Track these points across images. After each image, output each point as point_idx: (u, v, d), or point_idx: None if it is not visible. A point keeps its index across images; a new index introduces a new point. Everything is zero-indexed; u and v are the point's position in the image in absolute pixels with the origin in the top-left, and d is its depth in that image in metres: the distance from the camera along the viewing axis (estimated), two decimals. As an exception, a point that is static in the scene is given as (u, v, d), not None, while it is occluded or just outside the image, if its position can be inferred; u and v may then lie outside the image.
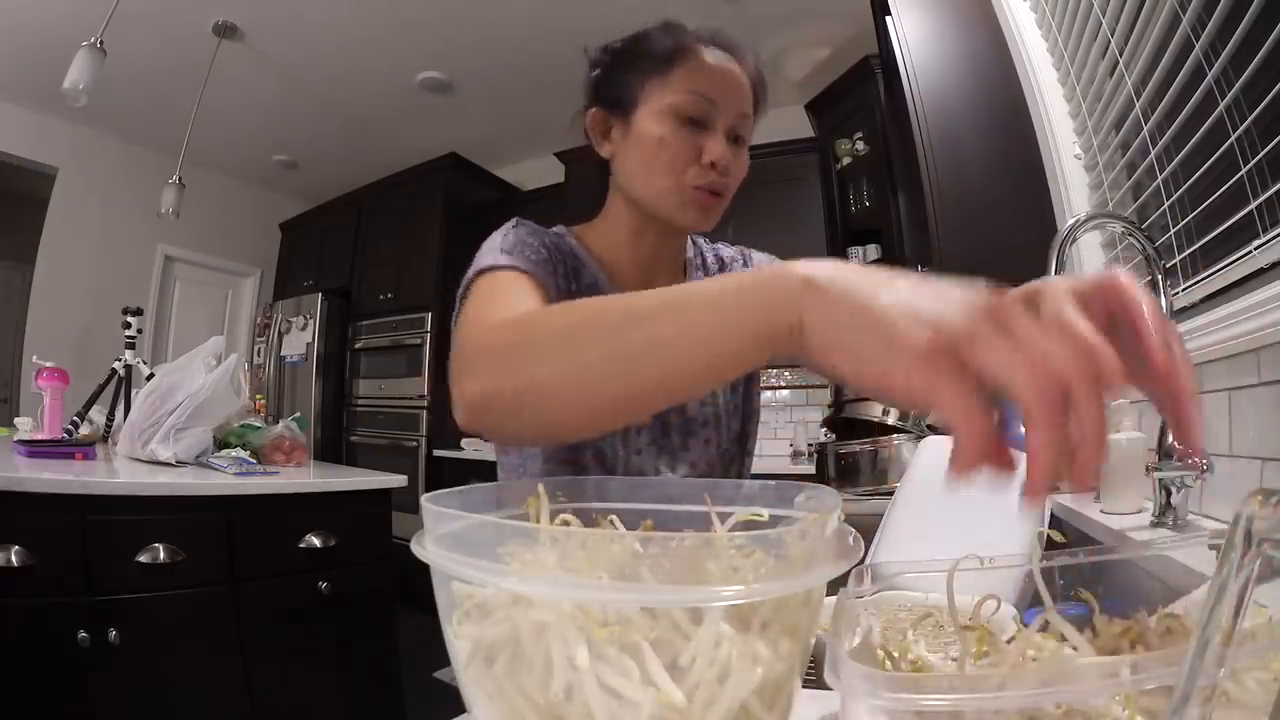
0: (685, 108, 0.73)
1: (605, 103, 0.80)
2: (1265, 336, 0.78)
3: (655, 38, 0.77)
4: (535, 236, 0.75)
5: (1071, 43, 1.52)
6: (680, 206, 0.75)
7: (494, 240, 0.74)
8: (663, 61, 0.75)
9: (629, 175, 0.78)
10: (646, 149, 0.75)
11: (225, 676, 1.44)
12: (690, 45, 0.75)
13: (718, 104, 0.74)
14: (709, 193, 0.75)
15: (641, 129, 0.75)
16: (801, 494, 0.41)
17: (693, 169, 0.74)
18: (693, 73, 0.74)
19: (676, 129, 0.73)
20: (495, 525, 0.32)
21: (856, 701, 0.25)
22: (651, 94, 0.75)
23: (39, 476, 1.26)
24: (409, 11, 2.97)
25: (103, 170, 4.04)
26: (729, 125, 0.75)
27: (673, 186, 0.74)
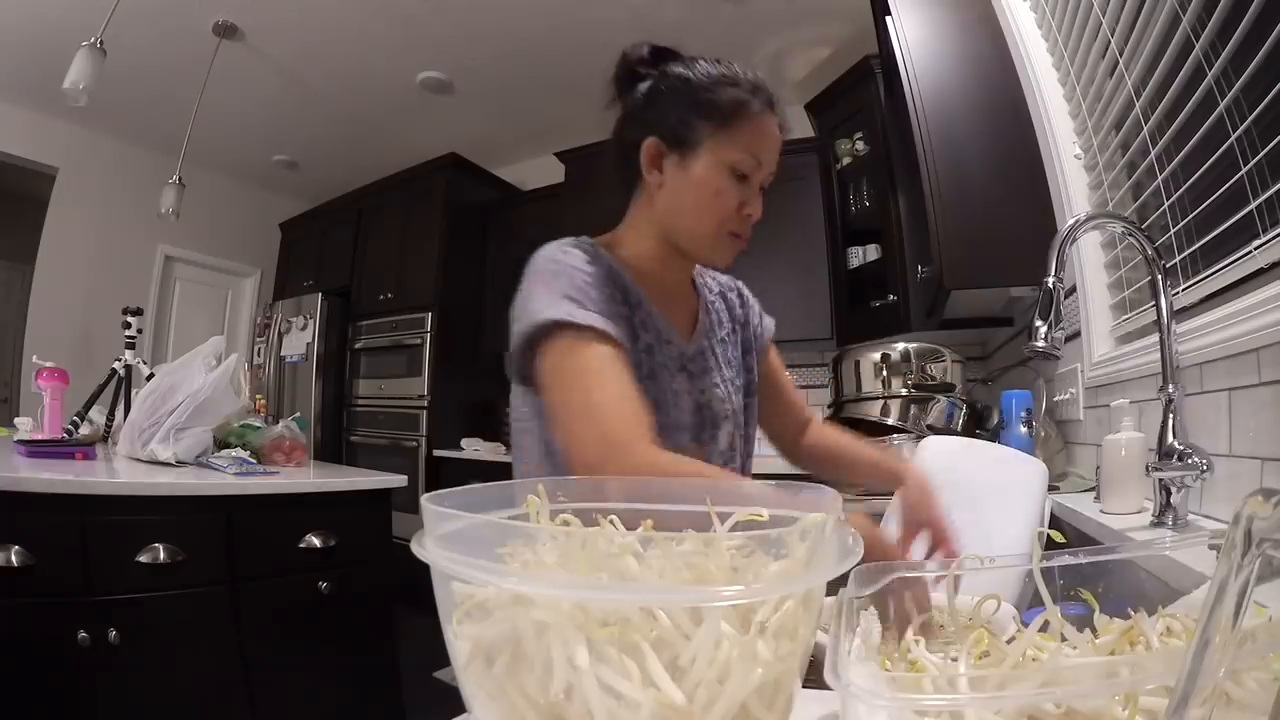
0: (740, 166, 0.82)
1: (665, 136, 0.85)
2: (1265, 336, 0.78)
3: (719, 89, 0.83)
4: (590, 264, 0.81)
5: (1071, 43, 1.52)
6: (715, 248, 0.85)
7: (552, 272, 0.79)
8: (728, 115, 0.82)
9: (675, 211, 0.86)
10: (703, 196, 0.83)
11: (225, 676, 1.44)
12: (752, 107, 0.83)
13: (763, 164, 0.84)
14: (737, 237, 0.85)
15: (700, 175, 0.83)
16: (801, 494, 0.41)
17: (735, 218, 0.84)
18: (751, 134, 0.83)
19: (730, 183, 0.82)
20: (495, 525, 0.32)
21: (856, 701, 0.25)
22: (713, 144, 0.82)
23: (39, 476, 1.26)
24: (409, 11, 2.97)
25: (103, 170, 4.04)
26: (763, 180, 0.85)
27: (715, 232, 0.84)
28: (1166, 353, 0.90)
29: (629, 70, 0.89)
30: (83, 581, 1.27)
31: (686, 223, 0.85)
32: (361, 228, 4.48)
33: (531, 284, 0.79)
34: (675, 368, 0.88)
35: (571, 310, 0.74)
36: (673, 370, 0.88)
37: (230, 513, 1.48)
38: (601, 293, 0.78)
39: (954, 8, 1.86)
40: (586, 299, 0.76)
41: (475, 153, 4.11)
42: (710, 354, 0.94)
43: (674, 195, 0.85)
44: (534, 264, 0.81)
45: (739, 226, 0.84)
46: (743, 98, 0.82)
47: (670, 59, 0.88)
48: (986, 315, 2.18)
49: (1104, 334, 1.43)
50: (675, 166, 0.84)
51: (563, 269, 0.79)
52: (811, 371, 3.36)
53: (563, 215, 3.68)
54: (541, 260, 0.81)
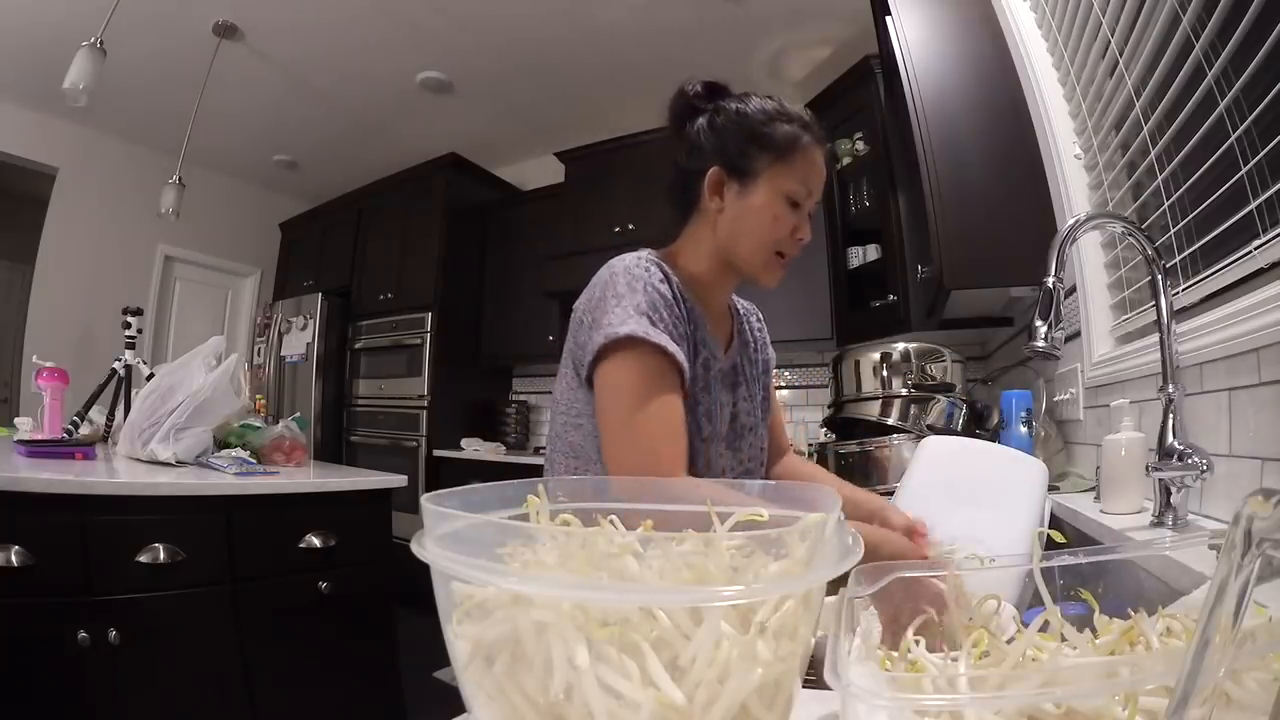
0: (796, 195, 0.91)
1: (726, 166, 0.93)
2: (1265, 336, 0.78)
3: (776, 123, 0.91)
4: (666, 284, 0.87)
5: (1071, 43, 1.52)
6: (767, 268, 0.93)
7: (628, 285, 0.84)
8: (784, 148, 0.90)
9: (735, 235, 0.93)
10: (763, 221, 0.91)
11: (225, 676, 1.44)
12: (807, 142, 0.91)
13: (813, 193, 0.92)
14: (784, 258, 0.93)
15: (759, 203, 0.91)
16: (802, 494, 0.41)
17: (788, 241, 0.92)
18: (805, 165, 0.91)
19: (786, 210, 0.91)
20: (495, 525, 0.32)
21: (856, 701, 0.25)
22: (771, 174, 0.90)
23: (39, 476, 1.26)
24: (409, 11, 2.97)
25: (103, 170, 4.04)
26: (811, 207, 0.93)
27: (768, 254, 0.92)
28: (1166, 353, 0.90)
29: (686, 105, 0.96)
30: (83, 581, 1.27)
31: (746, 245, 0.92)
32: (361, 228, 4.48)
33: (608, 293, 0.85)
34: (720, 381, 0.96)
35: (647, 328, 0.81)
36: (719, 383, 0.95)
37: (230, 513, 1.48)
38: (672, 313, 0.85)
39: (954, 8, 1.86)
40: (659, 318, 0.83)
41: (475, 153, 4.11)
42: (742, 370, 1.02)
43: (735, 220, 0.92)
44: (612, 274, 0.87)
45: (790, 249, 0.93)
46: (797, 133, 0.91)
47: (724, 95, 0.96)
48: (986, 315, 2.18)
49: (1104, 334, 1.43)
50: (735, 195, 0.92)
51: (640, 284, 0.84)
52: (811, 371, 3.36)
53: (562, 215, 3.68)
54: (620, 271, 0.86)
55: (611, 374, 0.82)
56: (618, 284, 0.85)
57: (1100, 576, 0.42)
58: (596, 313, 0.84)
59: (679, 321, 0.86)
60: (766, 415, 1.10)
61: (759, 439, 1.06)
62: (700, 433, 0.91)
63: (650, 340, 0.80)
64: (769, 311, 1.15)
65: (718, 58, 3.08)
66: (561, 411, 0.94)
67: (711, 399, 0.93)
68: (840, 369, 2.04)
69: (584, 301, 0.89)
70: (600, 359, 0.83)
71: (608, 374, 0.82)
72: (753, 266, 0.93)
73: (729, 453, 0.98)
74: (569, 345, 0.91)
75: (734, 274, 0.96)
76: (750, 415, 1.02)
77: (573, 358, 0.90)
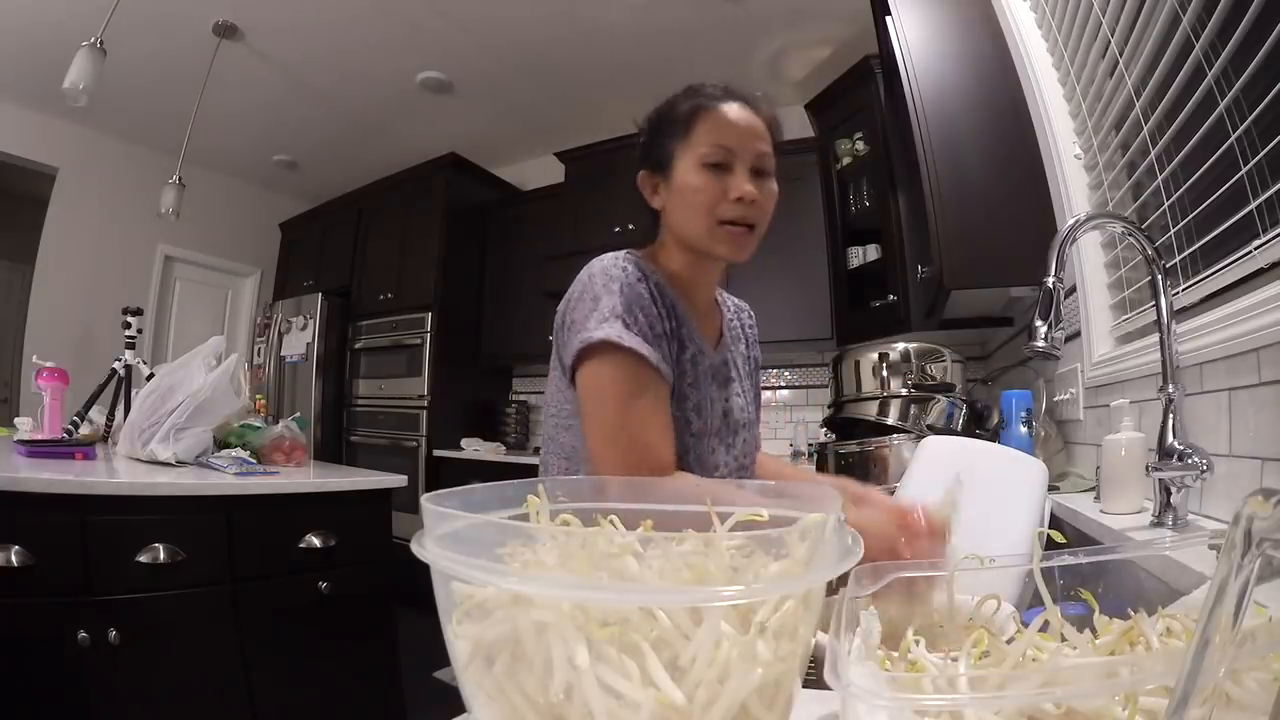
0: (709, 157, 0.88)
1: (649, 165, 0.95)
2: (1265, 336, 0.78)
3: (678, 103, 0.92)
4: (644, 283, 0.87)
5: (1071, 43, 1.52)
6: (716, 241, 0.89)
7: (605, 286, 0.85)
8: (685, 123, 0.90)
9: (677, 221, 0.92)
10: (685, 197, 0.89)
11: (225, 676, 1.44)
12: (704, 104, 0.90)
13: (735, 149, 0.88)
14: (740, 225, 0.89)
15: (679, 182, 0.90)
16: (802, 494, 0.41)
17: (723, 205, 0.88)
18: (711, 126, 0.88)
19: (705, 177, 0.88)
20: (495, 525, 0.32)
21: (856, 701, 0.25)
22: (681, 150, 0.90)
23: (39, 476, 1.26)
24: (409, 11, 2.97)
25: (103, 170, 4.03)
26: (750, 164, 0.89)
27: (709, 225, 0.89)
28: (1166, 353, 0.90)
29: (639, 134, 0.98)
30: (83, 581, 1.27)
31: (688, 226, 0.91)
32: (361, 228, 4.48)
33: (585, 294, 0.86)
34: (710, 377, 0.96)
35: (621, 332, 0.81)
36: (709, 379, 0.95)
37: (230, 513, 1.48)
38: (649, 314, 0.85)
39: (954, 8, 1.86)
40: (634, 320, 0.83)
41: (475, 153, 4.11)
42: (733, 365, 1.02)
43: (671, 210, 0.93)
44: (590, 275, 0.88)
45: (733, 213, 0.88)
46: (694, 103, 0.90)
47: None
48: (986, 315, 2.18)
49: (1104, 334, 1.43)
50: (665, 187, 0.93)
51: (616, 285, 0.85)
52: (811, 371, 3.36)
53: (562, 215, 3.68)
54: (598, 272, 0.87)
55: (591, 379, 0.83)
56: (595, 285, 0.86)
57: (1100, 576, 0.42)
58: (575, 314, 0.86)
59: (657, 320, 0.86)
60: (759, 412, 1.10)
61: (753, 436, 1.05)
62: (690, 428, 0.91)
63: (624, 345, 0.81)
64: (768, 311, 1.15)
65: (718, 58, 3.08)
66: (553, 414, 0.95)
67: (700, 394, 0.93)
68: (840, 369, 2.04)
69: (565, 302, 0.90)
70: (579, 363, 0.84)
71: (587, 379, 0.84)
72: (704, 243, 0.91)
73: (722, 448, 0.97)
74: (555, 346, 0.92)
75: (706, 261, 0.95)
76: (744, 411, 1.02)
77: (559, 359, 0.91)
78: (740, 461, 1.01)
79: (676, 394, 0.88)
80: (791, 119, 3.28)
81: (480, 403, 4.07)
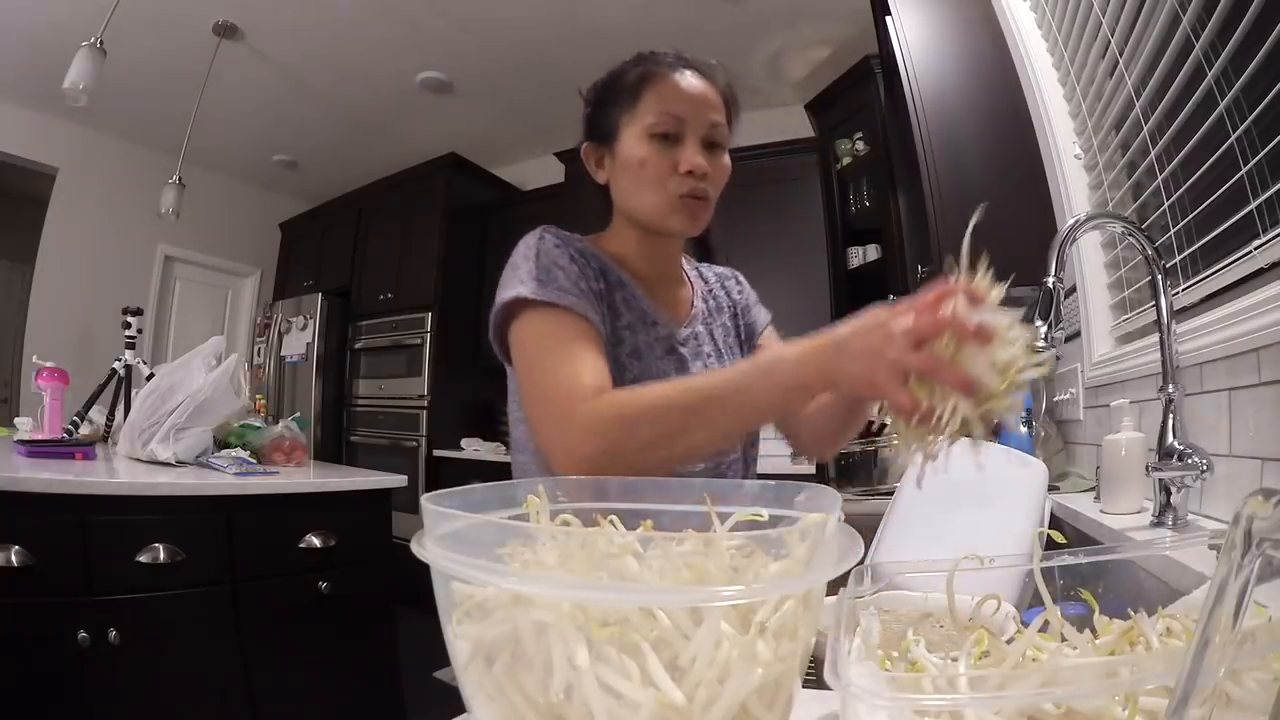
0: (657, 127, 0.82)
1: (594, 137, 0.90)
2: (1265, 336, 0.78)
3: (626, 71, 0.86)
4: (563, 247, 0.82)
5: (1071, 43, 1.52)
6: (668, 215, 0.83)
7: (524, 255, 0.81)
8: (632, 91, 0.84)
9: (624, 195, 0.87)
10: (631, 170, 0.84)
11: (225, 676, 1.44)
12: (654, 71, 0.84)
13: (686, 119, 0.82)
14: (692, 198, 0.83)
15: (625, 154, 0.84)
16: (801, 494, 0.41)
17: (673, 179, 0.82)
18: (660, 95, 0.83)
19: (653, 148, 0.82)
20: (495, 525, 0.32)
21: (856, 701, 0.25)
22: (627, 120, 0.84)
23: (39, 476, 1.26)
24: (409, 11, 2.97)
25: (103, 170, 4.03)
26: (702, 135, 0.83)
27: (660, 199, 0.83)
28: (1166, 353, 0.90)
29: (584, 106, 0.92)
30: (83, 581, 1.27)
31: (635, 200, 0.86)
32: (361, 228, 4.48)
33: (505, 270, 0.81)
34: (663, 349, 0.88)
35: (533, 289, 0.76)
36: (660, 351, 0.87)
37: (230, 513, 1.48)
38: (568, 273, 0.79)
39: (954, 8, 1.86)
40: (549, 277, 0.77)
41: (475, 153, 4.11)
42: (708, 339, 0.94)
43: (617, 182, 0.88)
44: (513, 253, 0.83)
45: (683, 186, 0.82)
46: (642, 70, 0.84)
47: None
48: (986, 315, 2.18)
49: (1104, 334, 1.43)
50: (610, 161, 0.88)
51: (533, 252, 0.80)
52: (811, 371, 3.35)
53: (562, 215, 3.67)
54: (519, 247, 0.83)
55: (516, 346, 0.78)
56: (514, 258, 0.81)
57: (1100, 576, 0.42)
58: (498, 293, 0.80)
59: (581, 278, 0.80)
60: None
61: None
62: None
63: (536, 299, 0.75)
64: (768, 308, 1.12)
65: (717, 58, 3.08)
66: (511, 410, 0.90)
67: (644, 365, 0.84)
68: (840, 369, 2.03)
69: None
70: (499, 334, 0.81)
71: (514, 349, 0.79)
72: (654, 218, 0.84)
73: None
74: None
75: (656, 237, 0.89)
76: None
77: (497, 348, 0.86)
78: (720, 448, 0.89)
79: (613, 362, 0.80)
80: (791, 119, 3.28)
81: (480, 403, 4.07)
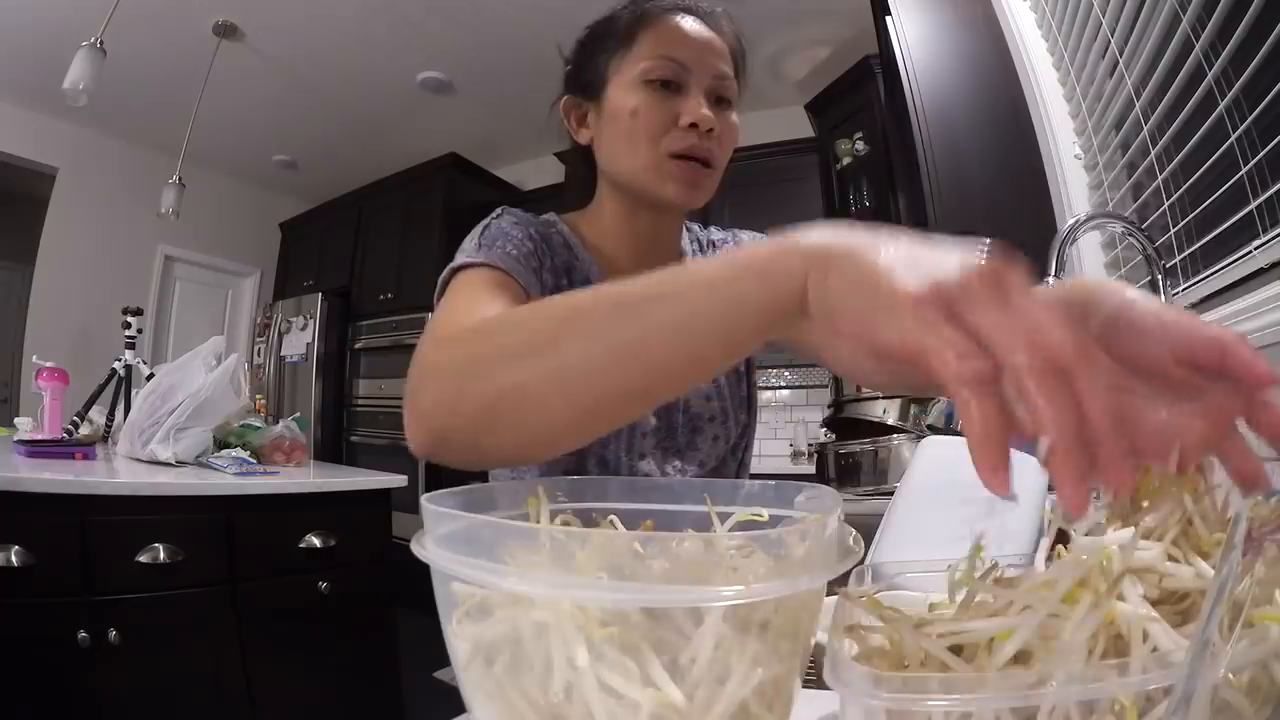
0: (654, 72, 0.69)
1: (576, 89, 0.78)
2: (1265, 336, 0.78)
3: (618, 15, 0.74)
4: (520, 226, 0.72)
5: (1071, 43, 1.52)
6: (663, 179, 0.70)
7: (474, 233, 0.71)
8: (626, 34, 0.72)
9: (610, 155, 0.74)
10: (621, 123, 0.71)
11: (225, 677, 1.44)
12: (651, 11, 0.72)
13: (689, 65, 0.69)
14: (695, 161, 0.69)
15: (614, 105, 0.71)
16: (801, 494, 0.41)
17: (672, 133, 0.69)
18: (658, 37, 0.70)
19: (649, 96, 0.69)
20: (495, 525, 0.32)
21: (856, 702, 0.25)
22: (618, 66, 0.72)
23: (39, 476, 1.26)
24: (409, 11, 2.97)
25: (103, 170, 4.03)
26: (708, 86, 0.70)
27: (653, 158, 0.69)
28: (1166, 353, 0.90)
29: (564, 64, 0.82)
30: (83, 581, 1.27)
31: (622, 160, 0.72)
32: (361, 228, 4.48)
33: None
34: None
35: (469, 256, 0.66)
36: None
37: (230, 513, 1.48)
38: (520, 247, 0.68)
39: (954, 8, 1.86)
40: (490, 244, 0.68)
41: (475, 153, 4.11)
42: None
43: (602, 139, 0.75)
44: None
45: (682, 141, 0.68)
46: (637, 10, 0.73)
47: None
48: (986, 315, 2.18)
49: (1104, 334, 1.43)
50: (596, 114, 0.75)
51: (480, 228, 0.72)
52: (811, 371, 3.35)
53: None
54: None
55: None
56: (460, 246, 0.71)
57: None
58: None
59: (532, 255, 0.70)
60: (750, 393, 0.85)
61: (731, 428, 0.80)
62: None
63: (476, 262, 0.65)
64: None
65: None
66: None
67: None
68: (840, 369, 2.03)
69: None
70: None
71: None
72: (643, 182, 0.71)
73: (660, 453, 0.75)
74: None
75: (647, 212, 0.76)
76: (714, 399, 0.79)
77: None
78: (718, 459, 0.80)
79: None
80: (791, 119, 3.28)
81: (480, 403, 4.06)
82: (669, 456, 0.76)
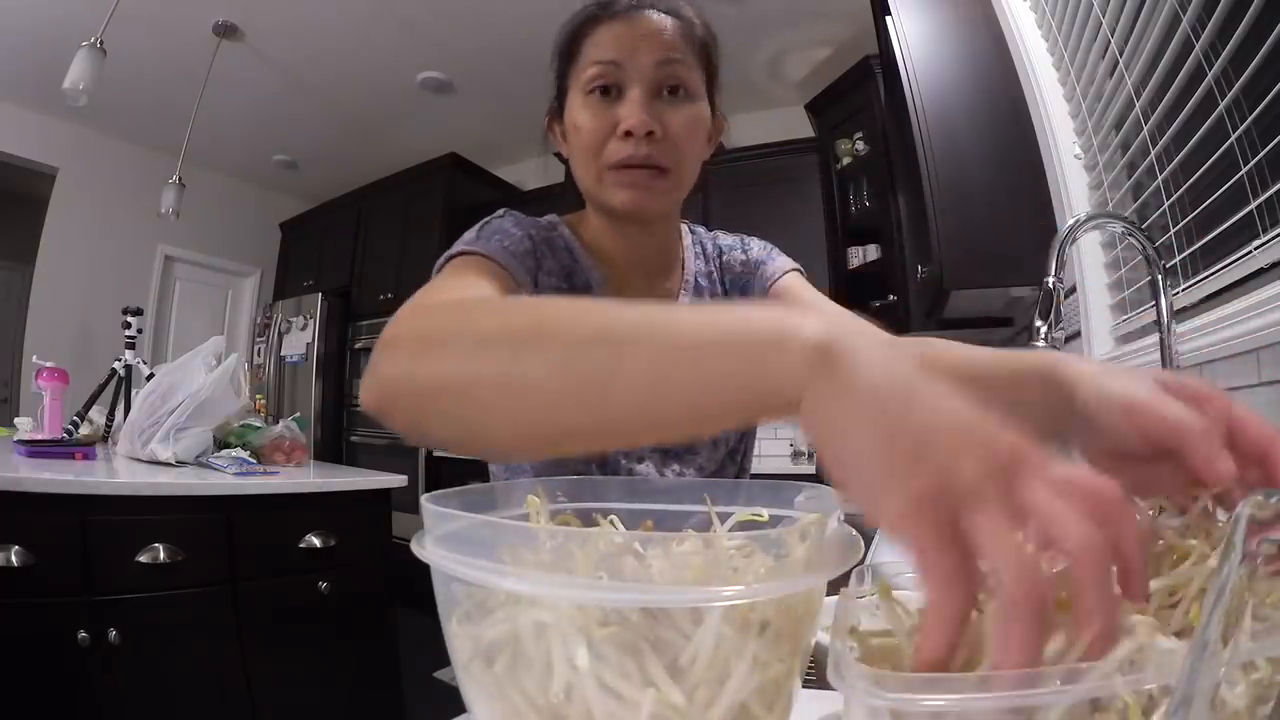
0: (593, 80, 0.67)
1: (555, 103, 0.78)
2: (1265, 336, 0.78)
3: (572, 23, 0.73)
4: (520, 226, 0.71)
5: (1071, 43, 1.52)
6: (608, 190, 0.68)
7: (474, 228, 0.71)
8: (571, 45, 0.71)
9: (574, 171, 0.73)
10: (573, 138, 0.70)
11: (225, 677, 1.44)
12: (589, 16, 0.70)
13: (622, 63, 0.66)
14: (636, 167, 0.66)
15: (569, 120, 0.71)
16: (801, 494, 0.41)
17: (610, 144, 0.66)
18: (594, 42, 0.68)
19: (590, 107, 0.67)
20: (495, 525, 0.32)
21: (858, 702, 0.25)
22: (574, 81, 0.70)
23: (39, 476, 1.26)
24: (409, 11, 2.97)
25: (103, 170, 4.04)
26: (650, 80, 0.66)
27: (595, 171, 0.68)
28: (1166, 353, 0.90)
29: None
30: (83, 581, 1.27)
31: (580, 176, 0.72)
32: (361, 228, 4.48)
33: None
34: None
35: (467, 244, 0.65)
36: None
37: (230, 513, 1.48)
38: (519, 245, 0.67)
39: (954, 8, 1.86)
40: (489, 239, 0.66)
41: (475, 153, 4.11)
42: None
43: (569, 156, 0.74)
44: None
45: (619, 154, 0.65)
46: (581, 18, 0.71)
47: None
48: (986, 315, 2.18)
49: (1104, 334, 1.43)
50: (564, 129, 0.74)
51: (487, 221, 0.71)
52: (811, 371, 3.35)
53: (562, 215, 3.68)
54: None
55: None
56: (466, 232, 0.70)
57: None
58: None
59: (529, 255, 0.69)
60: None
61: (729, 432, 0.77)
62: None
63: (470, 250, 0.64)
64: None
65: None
66: None
67: None
68: (840, 369, 2.03)
69: None
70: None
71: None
72: (594, 196, 0.71)
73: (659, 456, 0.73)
74: None
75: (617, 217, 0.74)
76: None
77: None
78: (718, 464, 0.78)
79: None
80: (791, 119, 3.28)
81: (480, 403, 4.06)
82: (668, 460, 0.75)
